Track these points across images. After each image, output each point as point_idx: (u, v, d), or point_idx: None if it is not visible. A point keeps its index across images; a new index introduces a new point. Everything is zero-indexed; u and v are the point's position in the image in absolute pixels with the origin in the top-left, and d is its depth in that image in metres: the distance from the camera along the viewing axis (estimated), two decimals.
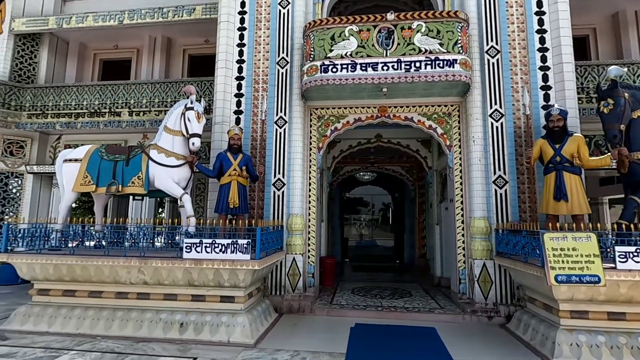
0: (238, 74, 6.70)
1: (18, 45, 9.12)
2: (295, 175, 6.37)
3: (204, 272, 4.72)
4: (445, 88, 6.07)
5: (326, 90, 6.21)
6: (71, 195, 5.55)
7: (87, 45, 10.24)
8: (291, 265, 6.17)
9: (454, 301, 6.41)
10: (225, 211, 5.53)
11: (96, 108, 8.41)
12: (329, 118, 6.83)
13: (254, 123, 6.55)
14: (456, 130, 6.47)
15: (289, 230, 6.25)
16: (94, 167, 5.46)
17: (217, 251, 4.60)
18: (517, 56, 6.18)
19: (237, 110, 6.61)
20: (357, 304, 6.22)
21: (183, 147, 5.52)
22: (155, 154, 5.46)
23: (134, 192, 5.39)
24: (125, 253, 4.80)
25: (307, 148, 6.72)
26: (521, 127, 5.97)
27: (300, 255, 6.20)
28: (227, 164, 5.65)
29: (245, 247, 4.58)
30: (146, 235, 4.89)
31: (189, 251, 4.64)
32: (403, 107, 6.65)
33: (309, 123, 6.81)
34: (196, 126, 5.42)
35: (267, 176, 6.31)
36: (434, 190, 8.27)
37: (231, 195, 5.53)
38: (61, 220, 5.43)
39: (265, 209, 6.29)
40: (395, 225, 15.33)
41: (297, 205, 6.30)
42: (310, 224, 6.62)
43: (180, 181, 5.46)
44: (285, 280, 6.13)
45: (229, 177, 5.60)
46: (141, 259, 4.73)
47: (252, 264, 4.54)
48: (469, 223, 6.08)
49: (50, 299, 5.15)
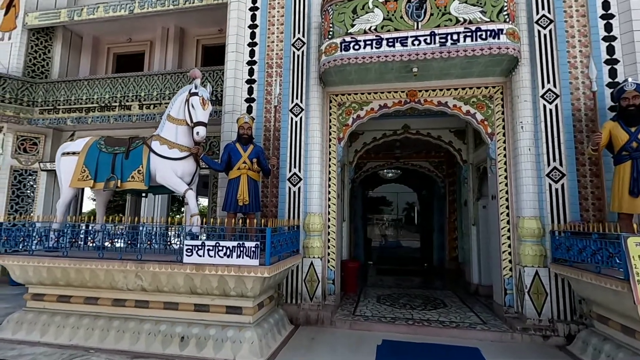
0: (250, 58, 6.08)
1: (32, 40, 8.93)
2: (313, 169, 5.67)
3: (207, 278, 4.11)
4: (488, 66, 5.18)
5: (347, 71, 5.47)
6: (69, 192, 5.09)
7: (101, 39, 9.98)
8: (308, 270, 5.47)
9: (497, 315, 5.51)
10: (234, 209, 4.91)
11: (106, 102, 8.05)
12: (351, 105, 6.08)
13: (266, 112, 5.90)
14: (499, 116, 5.56)
15: (306, 230, 5.56)
16: (92, 161, 4.97)
17: (222, 255, 3.97)
18: (574, 25, 5.20)
19: (249, 97, 5.98)
20: (384, 316, 5.45)
21: (187, 137, 4.94)
22: (157, 145, 4.92)
23: (134, 187, 4.86)
24: (120, 256, 4.26)
25: (326, 139, 6.01)
26: (581, 108, 5.00)
27: (318, 259, 5.50)
28: (236, 156, 5.03)
29: (253, 250, 3.93)
30: (145, 235, 4.32)
31: (189, 255, 4.04)
32: (436, 91, 5.81)
33: (328, 111, 6.10)
34: (201, 113, 4.82)
35: (281, 170, 5.65)
36: (470, 187, 7.35)
37: (240, 191, 4.90)
38: (59, 218, 4.98)
39: (279, 207, 5.63)
40: (422, 226, 14.36)
41: (315, 203, 5.60)
42: (330, 223, 5.90)
43: (184, 175, 4.89)
44: (302, 287, 5.44)
45: (238, 170, 4.97)
46: (138, 262, 4.17)
47: (261, 271, 3.88)
48: (516, 223, 5.17)
49: (45, 305, 4.70)
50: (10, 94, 8.18)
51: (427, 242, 12.82)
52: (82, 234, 4.54)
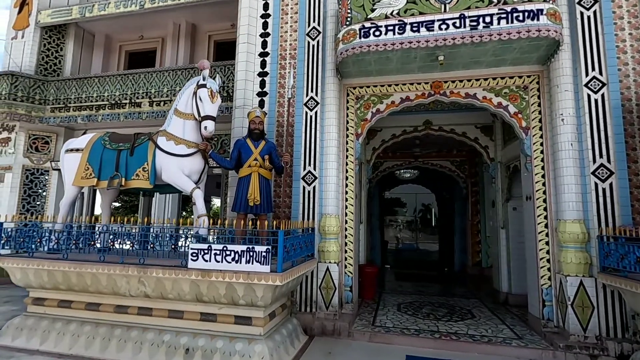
0: (262, 50, 5.72)
1: (44, 39, 8.85)
2: (329, 167, 5.27)
3: (213, 285, 3.75)
4: (524, 52, 4.67)
5: (366, 61, 5.04)
6: (72, 190, 4.83)
7: (113, 37, 9.85)
8: (324, 276, 5.07)
9: (534, 329, 4.97)
10: (244, 209, 4.55)
11: (117, 99, 7.86)
12: (370, 98, 5.65)
13: (279, 106, 5.53)
14: (535, 108, 5.03)
15: (321, 233, 5.16)
16: (96, 158, 4.70)
17: (229, 260, 3.61)
18: (622, 5, 4.64)
19: (261, 91, 5.63)
20: (406, 327, 4.98)
21: (195, 133, 4.61)
22: (163, 141, 4.61)
23: (139, 186, 4.56)
24: (122, 259, 3.95)
25: (343, 135, 5.60)
26: (632, 98, 4.44)
27: (335, 264, 5.08)
28: (247, 153, 4.67)
29: (264, 255, 3.55)
30: (148, 238, 4.00)
31: (195, 259, 3.69)
32: (463, 82, 5.32)
33: (345, 105, 5.68)
34: (209, 107, 4.49)
35: (295, 168, 5.27)
36: (498, 187, 6.80)
37: (251, 189, 4.54)
38: (61, 218, 4.73)
39: (292, 208, 5.24)
40: (441, 228, 13.74)
41: (332, 204, 5.19)
42: (347, 226, 5.48)
43: (192, 173, 4.56)
44: (317, 295, 5.04)
45: (248, 168, 4.61)
46: (140, 267, 3.85)
47: (272, 278, 3.49)
48: (556, 227, 4.64)
49: (46, 310, 4.45)
50: (22, 92, 8.10)
51: (446, 246, 12.21)
52: (85, 236, 4.25)
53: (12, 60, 8.65)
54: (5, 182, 8.49)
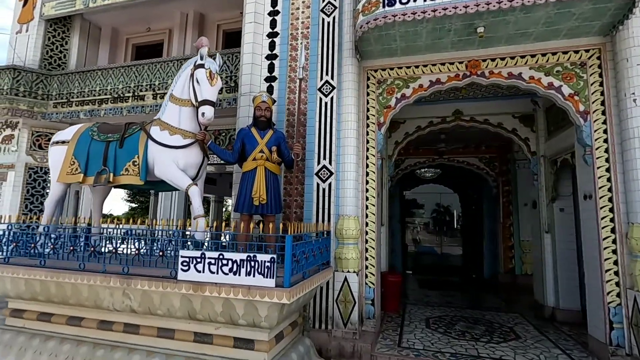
0: (270, 30, 5.07)
1: (49, 32, 8.50)
2: (347, 161, 4.56)
3: (208, 301, 3.10)
4: (584, 19, 3.84)
5: (391, 36, 4.32)
6: (57, 188, 4.30)
7: (120, 30, 9.45)
8: (342, 287, 4.35)
9: (597, 355, 4.10)
10: (248, 209, 3.90)
11: (119, 92, 7.39)
12: (394, 82, 4.91)
13: (290, 92, 4.86)
14: (596, 88, 4.18)
15: (338, 237, 4.46)
16: (83, 151, 4.15)
17: (226, 271, 2.95)
18: None
19: (269, 76, 4.98)
20: (439, 350, 4.21)
21: (193, 121, 4.00)
22: (156, 131, 4.01)
23: (129, 182, 3.98)
24: (104, 268, 3.36)
25: (363, 124, 4.88)
26: None
27: (354, 274, 4.37)
28: (252, 144, 4.03)
29: (267, 266, 2.87)
30: (133, 241, 3.39)
31: (186, 269, 3.05)
32: (505, 60, 4.51)
33: (365, 90, 4.96)
34: (208, 90, 3.86)
35: (307, 162, 4.58)
36: (542, 184, 5.91)
37: (256, 186, 3.88)
38: (45, 219, 4.20)
39: (305, 208, 4.56)
40: (465, 231, 12.76)
41: (350, 203, 4.48)
42: (368, 229, 4.75)
43: (188, 167, 3.94)
44: (334, 309, 4.33)
45: (253, 161, 3.97)
46: (123, 277, 3.24)
47: (278, 295, 2.81)
48: (625, 232, 3.78)
49: (25, 323, 3.91)
50: (24, 87, 7.75)
51: (471, 250, 11.27)
52: (63, 240, 3.68)
53: (16, 55, 8.34)
54: (8, 180, 8.17)
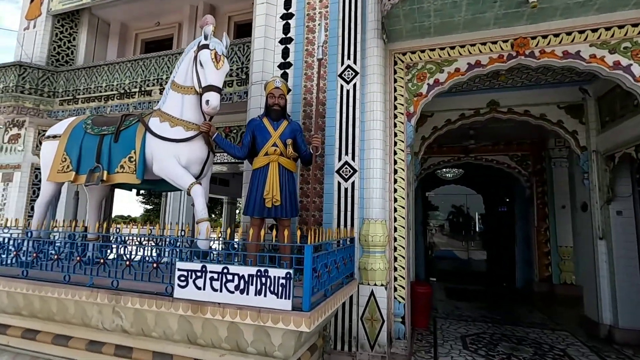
0: (285, 10, 4.54)
1: (56, 27, 8.23)
2: (373, 156, 3.96)
3: (210, 325, 2.55)
4: None
5: (423, 11, 3.71)
6: (48, 188, 3.86)
7: (129, 25, 9.13)
8: (368, 302, 3.75)
9: None
10: (260, 212, 3.35)
11: (126, 88, 7.00)
12: (426, 66, 4.29)
13: (307, 79, 4.31)
14: None
15: (363, 245, 3.86)
16: (75, 146, 3.69)
17: (232, 288, 2.39)
18: None
19: (284, 62, 4.43)
20: None
21: (197, 111, 3.49)
22: (155, 123, 3.51)
23: (124, 181, 3.49)
24: (91, 281, 2.86)
25: (391, 114, 4.27)
26: None
27: (382, 287, 3.76)
28: (263, 136, 3.48)
29: (282, 283, 2.30)
30: (121, 249, 2.87)
31: (183, 285, 2.51)
32: (560, 36, 3.83)
33: (393, 76, 4.36)
34: (213, 74, 3.34)
35: (327, 159, 4.01)
36: (594, 184, 5.15)
37: (269, 185, 3.33)
38: (34, 223, 3.75)
39: (324, 211, 3.98)
40: (490, 235, 11.90)
41: (377, 205, 3.88)
42: (397, 234, 4.13)
43: (191, 164, 3.42)
44: (359, 328, 3.73)
45: (265, 157, 3.42)
46: (112, 292, 2.74)
47: (295, 320, 2.23)
48: None
49: (9, 341, 3.45)
50: (30, 84, 7.46)
51: (499, 256, 10.42)
52: (44, 247, 3.20)
53: (23, 52, 8.09)
54: (14, 181, 7.90)
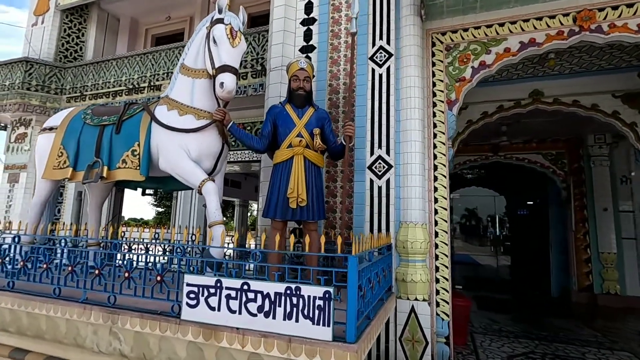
0: None
1: (65, 23, 7.94)
2: (411, 149, 3.43)
3: (227, 354, 2.04)
4: None
5: None
6: (43, 186, 3.44)
7: (139, 20, 8.82)
8: (408, 321, 3.20)
9: None
10: (282, 214, 2.84)
11: (135, 83, 6.63)
12: (469, 47, 3.74)
13: (333, 63, 3.81)
14: None
15: (400, 252, 3.32)
16: (72, 139, 3.26)
17: (254, 310, 1.89)
18: None
19: (306, 45, 3.95)
20: None
21: (210, 98, 3.02)
22: (162, 111, 3.05)
23: (127, 178, 3.02)
24: (84, 296, 2.39)
25: (429, 102, 3.73)
26: None
27: (424, 303, 3.21)
28: (286, 126, 2.98)
29: (319, 305, 1.78)
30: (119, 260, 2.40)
31: (193, 304, 2.01)
32: (635, 6, 3.24)
33: (431, 59, 3.82)
34: (228, 51, 2.87)
35: (357, 153, 3.49)
36: None
37: (293, 182, 2.83)
38: (30, 227, 3.31)
39: (354, 213, 3.46)
40: (516, 239, 11.14)
41: (416, 206, 3.34)
42: (439, 240, 3.57)
43: (202, 158, 2.95)
44: (396, 350, 3.18)
45: (289, 149, 2.92)
46: (108, 310, 2.26)
47: (338, 354, 1.71)
48: None
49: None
50: (36, 81, 7.16)
51: (528, 262, 9.68)
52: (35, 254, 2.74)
53: (31, 49, 7.81)
54: (20, 182, 7.60)
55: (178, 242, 2.33)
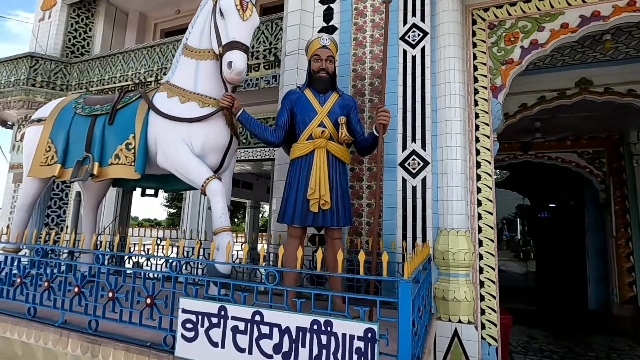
0: None
1: (72, 17, 7.68)
2: (451, 143, 2.91)
3: None
4: None
5: None
6: (30, 185, 3.04)
7: (148, 15, 8.51)
8: (450, 346, 2.68)
9: None
10: (302, 219, 2.36)
11: (141, 77, 6.28)
12: (517, 24, 3.21)
13: (357, 46, 3.32)
14: None
15: (438, 264, 2.81)
16: (62, 131, 2.85)
17: (269, 350, 1.41)
18: None
19: (327, 27, 3.47)
20: None
21: (216, 82, 2.57)
22: (162, 98, 2.62)
23: (120, 176, 2.59)
24: (62, 319, 1.95)
25: (470, 89, 3.20)
26: None
27: (469, 326, 2.68)
28: (306, 114, 2.51)
29: (359, 348, 1.28)
30: None
31: (191, 336, 1.55)
32: None
33: (471, 39, 3.29)
34: (237, 26, 2.41)
35: (386, 148, 2.99)
36: None
37: (314, 181, 2.35)
38: (14, 233, 2.89)
39: (384, 217, 2.96)
40: (543, 245, 10.39)
41: (458, 209, 2.82)
42: (483, 249, 3.03)
43: (207, 152, 2.50)
44: None
45: (309, 141, 2.45)
46: (88, 337, 1.82)
47: None
48: None
49: None
50: (42, 77, 6.89)
51: (559, 270, 8.96)
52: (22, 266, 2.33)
53: (38, 44, 7.58)
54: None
55: (168, 257, 1.87)
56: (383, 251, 1.85)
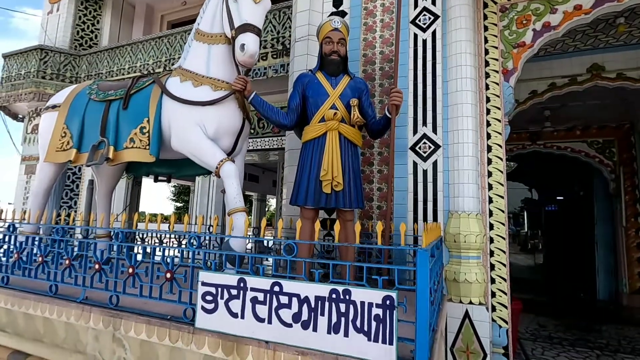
0: None
1: (80, 10, 7.72)
2: (463, 126, 2.90)
3: None
4: None
5: None
6: (45, 171, 3.10)
7: (155, 7, 8.53)
8: (461, 328, 2.70)
9: None
10: (314, 201, 2.39)
11: (150, 68, 6.31)
12: (529, 6, 3.17)
13: (367, 30, 3.31)
14: None
15: (450, 247, 2.82)
16: (77, 117, 2.89)
17: (288, 319, 1.44)
18: None
19: (337, 12, 3.46)
20: None
21: (228, 66, 2.59)
22: (175, 83, 2.65)
23: (136, 159, 2.63)
24: (83, 295, 2.01)
25: (481, 72, 3.19)
26: None
27: (480, 307, 2.70)
28: (318, 97, 2.52)
29: (378, 315, 1.31)
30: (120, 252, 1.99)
31: (210, 308, 1.59)
32: None
33: (482, 22, 3.27)
34: (249, 8, 2.43)
35: (397, 132, 2.99)
36: None
37: (327, 162, 2.37)
38: (33, 216, 2.97)
39: (395, 201, 2.97)
40: (550, 236, 10.33)
41: (469, 192, 2.83)
42: (494, 233, 3.04)
43: (221, 135, 2.53)
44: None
45: (321, 124, 2.47)
46: (110, 312, 1.87)
47: None
48: None
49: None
50: (51, 69, 6.96)
51: (568, 261, 8.92)
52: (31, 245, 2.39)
53: (47, 37, 7.64)
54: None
55: (191, 232, 1.92)
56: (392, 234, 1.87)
